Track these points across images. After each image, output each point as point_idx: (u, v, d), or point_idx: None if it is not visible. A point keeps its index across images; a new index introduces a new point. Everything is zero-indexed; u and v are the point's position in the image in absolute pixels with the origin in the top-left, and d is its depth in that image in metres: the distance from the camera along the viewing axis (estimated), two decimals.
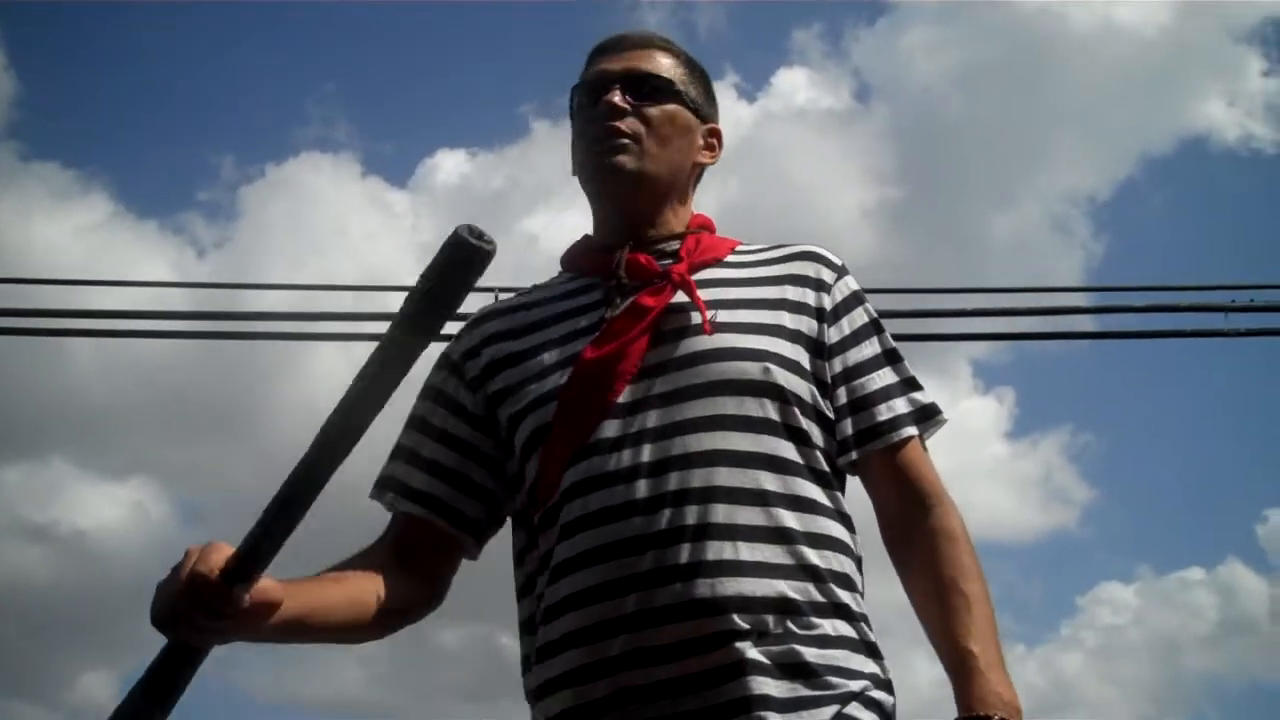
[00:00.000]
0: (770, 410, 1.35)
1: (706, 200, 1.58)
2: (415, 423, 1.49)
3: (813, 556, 1.32)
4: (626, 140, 1.45)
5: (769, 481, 1.32)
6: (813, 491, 1.35)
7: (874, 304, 1.53)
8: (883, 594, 1.44)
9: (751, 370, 1.35)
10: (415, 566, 1.44)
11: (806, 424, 1.37)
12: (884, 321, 1.52)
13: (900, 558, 1.42)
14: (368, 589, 1.36)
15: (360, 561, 1.40)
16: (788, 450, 1.35)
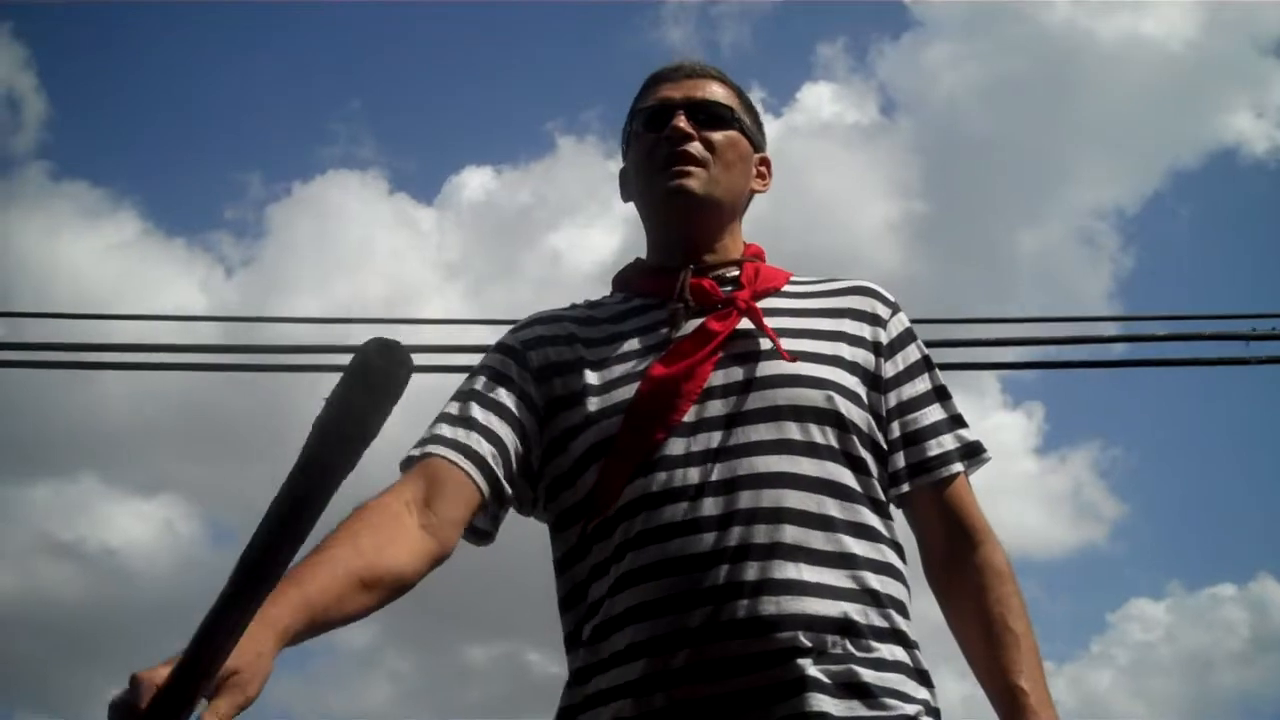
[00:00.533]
0: (832, 438, 1.38)
1: None
2: (464, 394, 1.47)
3: (874, 582, 1.34)
4: (695, 165, 1.49)
5: (833, 507, 1.35)
6: (872, 519, 1.38)
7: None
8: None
9: (816, 398, 1.39)
10: (432, 515, 1.35)
11: (864, 453, 1.40)
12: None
13: (945, 591, 1.45)
14: (373, 558, 1.28)
15: (369, 519, 1.32)
16: (848, 478, 1.38)
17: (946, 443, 1.47)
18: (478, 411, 1.43)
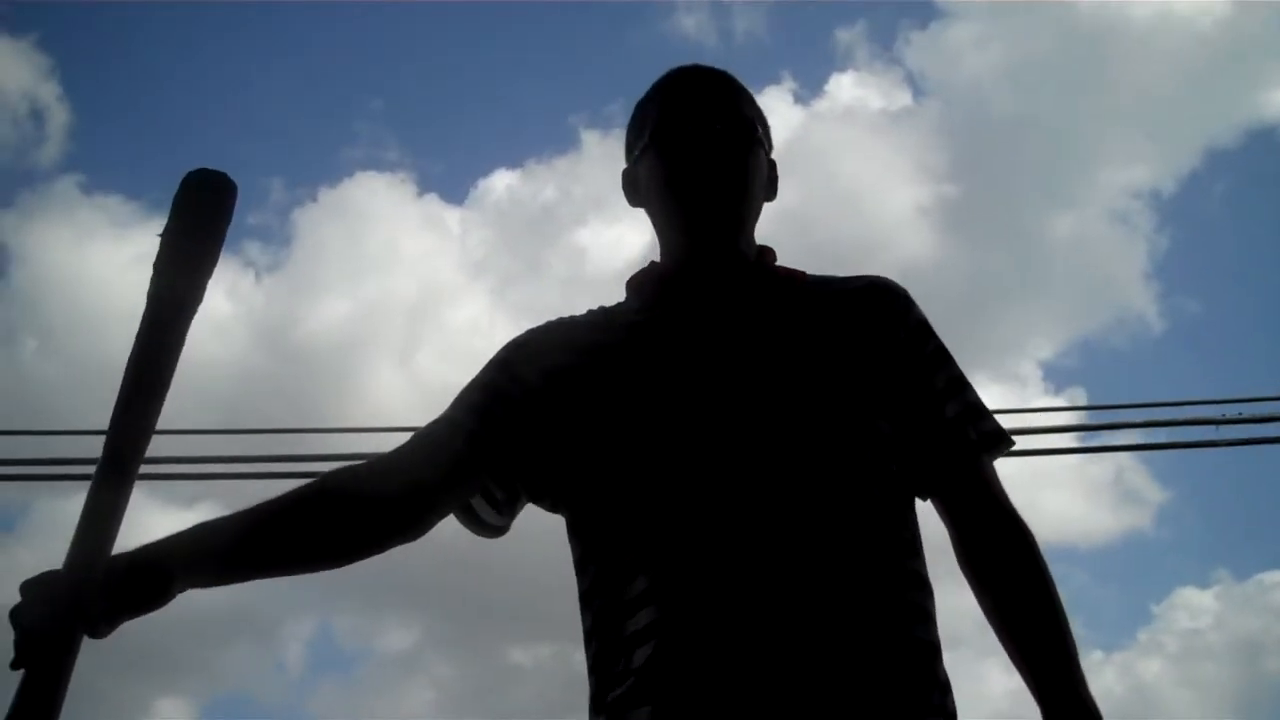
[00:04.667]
0: (848, 433, 1.37)
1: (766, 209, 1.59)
2: (457, 401, 1.48)
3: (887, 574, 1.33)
4: (722, 194, 1.48)
5: (849, 501, 1.33)
6: (885, 512, 1.36)
7: None
8: (959, 602, 1.45)
9: (831, 393, 1.38)
10: (411, 484, 1.40)
11: (879, 447, 1.39)
12: None
13: (979, 578, 1.44)
14: (327, 517, 1.36)
15: (334, 480, 1.40)
16: (864, 470, 1.36)
17: (971, 432, 1.46)
18: (466, 415, 1.45)
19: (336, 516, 1.36)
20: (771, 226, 1.59)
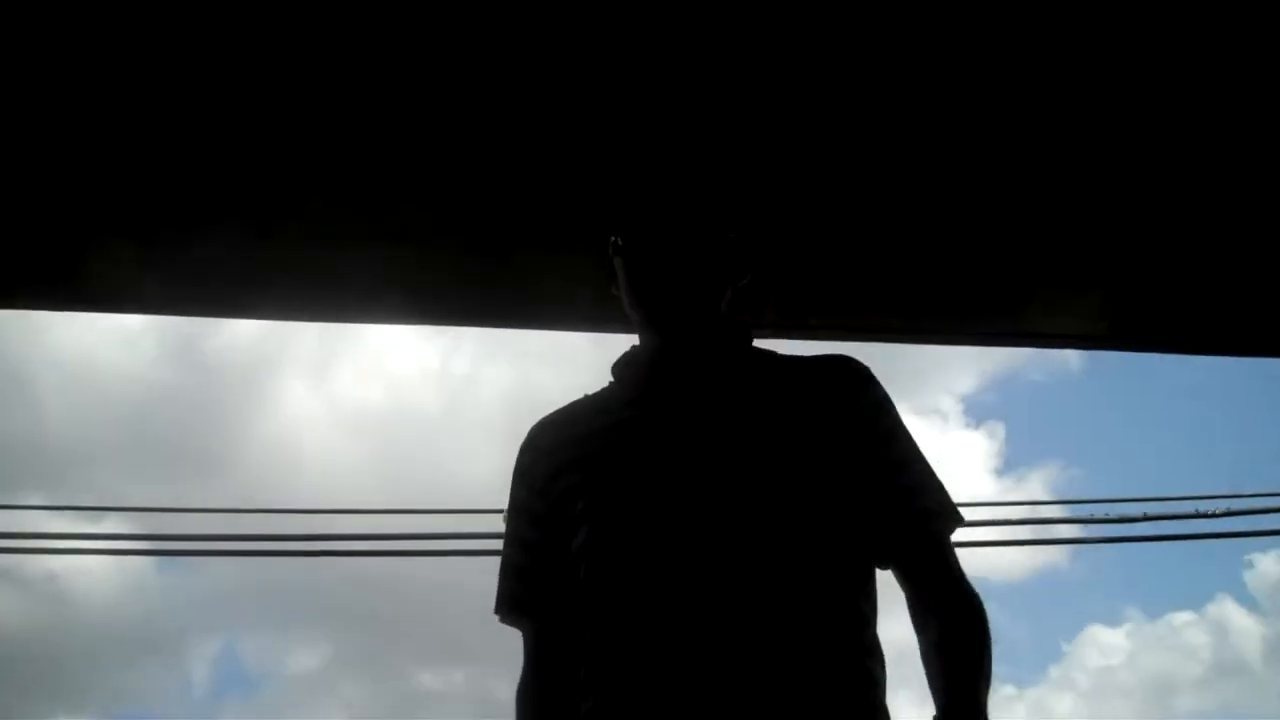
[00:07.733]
0: (805, 513, 1.44)
1: None
2: (508, 536, 1.61)
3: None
4: (681, 302, 1.53)
5: (800, 580, 1.41)
6: (838, 589, 1.44)
7: None
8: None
9: (789, 475, 1.44)
10: (560, 670, 1.53)
11: (837, 523, 1.45)
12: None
13: (927, 639, 1.47)
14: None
15: (534, 707, 1.54)
16: (820, 548, 1.43)
17: (919, 507, 1.50)
18: (523, 558, 1.59)
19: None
20: None
